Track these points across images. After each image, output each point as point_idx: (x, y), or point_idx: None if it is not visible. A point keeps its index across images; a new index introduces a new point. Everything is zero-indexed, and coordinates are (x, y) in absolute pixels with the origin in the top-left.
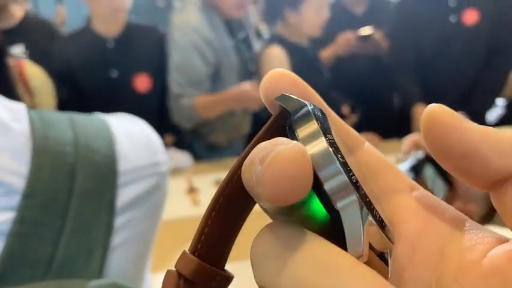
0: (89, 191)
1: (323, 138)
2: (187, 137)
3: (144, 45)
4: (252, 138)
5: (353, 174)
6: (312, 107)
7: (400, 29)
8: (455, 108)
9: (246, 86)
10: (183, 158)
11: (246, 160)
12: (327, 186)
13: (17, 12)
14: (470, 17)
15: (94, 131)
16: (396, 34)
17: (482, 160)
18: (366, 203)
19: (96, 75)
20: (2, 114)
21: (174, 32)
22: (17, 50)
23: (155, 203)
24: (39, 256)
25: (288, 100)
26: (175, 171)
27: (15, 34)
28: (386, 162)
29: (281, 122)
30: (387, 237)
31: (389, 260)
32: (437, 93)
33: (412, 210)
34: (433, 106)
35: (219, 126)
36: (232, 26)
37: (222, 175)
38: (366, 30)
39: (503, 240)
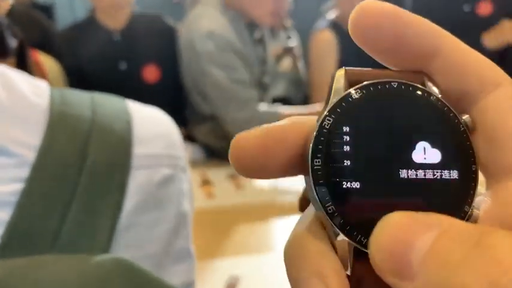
0: (100, 170)
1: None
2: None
3: (151, 36)
4: None
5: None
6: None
7: None
8: None
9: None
10: (195, 151)
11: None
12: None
13: (4, 5)
14: (485, 8)
15: (113, 112)
16: None
17: (411, 40)
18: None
19: (104, 68)
20: (24, 87)
21: (198, 40)
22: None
23: (171, 193)
24: (44, 229)
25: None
26: (189, 163)
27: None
28: None
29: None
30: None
31: None
32: None
33: None
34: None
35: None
36: (252, 28)
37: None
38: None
39: None
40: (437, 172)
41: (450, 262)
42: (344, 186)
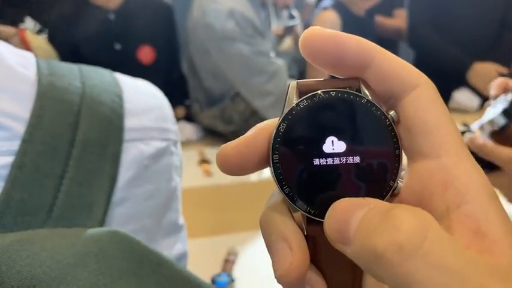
0: (92, 142)
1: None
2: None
3: (147, 15)
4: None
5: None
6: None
7: None
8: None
9: None
10: (193, 130)
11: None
12: None
13: None
14: None
15: (103, 84)
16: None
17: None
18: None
19: (99, 48)
20: (11, 59)
21: (217, 21)
22: (28, 24)
23: (163, 166)
24: (38, 203)
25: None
26: (186, 143)
27: (23, 6)
28: (426, 119)
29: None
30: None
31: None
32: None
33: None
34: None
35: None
36: (262, 6)
37: None
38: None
39: None
40: (352, 158)
41: (368, 230)
42: (294, 174)
